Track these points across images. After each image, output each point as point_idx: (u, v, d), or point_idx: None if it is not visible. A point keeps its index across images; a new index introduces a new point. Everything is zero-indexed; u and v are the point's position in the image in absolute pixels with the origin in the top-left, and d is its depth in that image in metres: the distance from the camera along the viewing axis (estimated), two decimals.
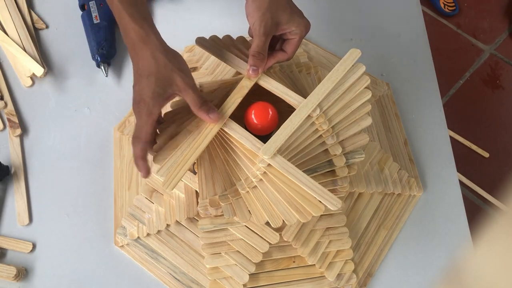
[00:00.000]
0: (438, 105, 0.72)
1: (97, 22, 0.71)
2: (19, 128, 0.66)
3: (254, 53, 0.50)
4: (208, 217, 0.55)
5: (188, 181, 0.57)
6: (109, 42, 0.71)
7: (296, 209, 0.47)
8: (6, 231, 0.61)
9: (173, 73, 0.47)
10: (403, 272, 0.61)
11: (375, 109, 0.69)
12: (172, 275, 0.58)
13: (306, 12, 0.53)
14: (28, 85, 0.69)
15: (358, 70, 0.56)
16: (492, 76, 1.47)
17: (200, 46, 0.54)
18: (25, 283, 0.58)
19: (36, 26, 0.74)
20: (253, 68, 0.51)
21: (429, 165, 0.67)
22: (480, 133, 1.37)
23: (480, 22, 1.56)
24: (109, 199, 0.63)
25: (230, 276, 0.55)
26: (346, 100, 0.52)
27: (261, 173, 0.49)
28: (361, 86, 0.53)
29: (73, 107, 0.69)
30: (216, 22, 0.76)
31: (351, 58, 0.56)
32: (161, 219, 0.58)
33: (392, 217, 0.63)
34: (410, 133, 0.70)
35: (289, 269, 0.57)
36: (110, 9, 0.50)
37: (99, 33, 0.71)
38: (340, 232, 0.57)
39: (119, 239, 0.59)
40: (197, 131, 0.51)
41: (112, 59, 0.72)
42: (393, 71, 0.74)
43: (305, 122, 0.51)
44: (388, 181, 0.62)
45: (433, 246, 0.62)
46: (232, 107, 0.52)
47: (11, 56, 0.71)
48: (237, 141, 0.50)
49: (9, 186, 0.63)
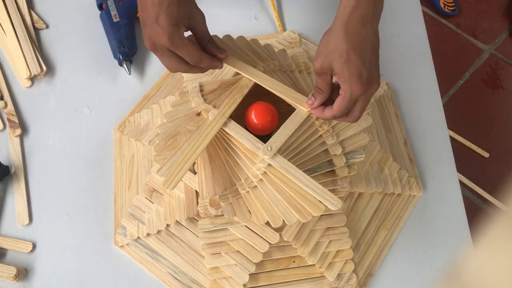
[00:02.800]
0: (438, 105, 0.72)
1: (117, 20, 0.71)
2: (19, 128, 0.66)
3: (315, 86, 0.49)
4: (208, 217, 0.55)
5: (188, 181, 0.57)
6: (130, 40, 0.71)
7: (296, 209, 0.47)
8: (6, 231, 0.61)
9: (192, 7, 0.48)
10: (403, 272, 0.61)
11: (375, 109, 0.69)
12: (172, 275, 0.58)
13: (306, 12, 0.53)
14: (27, 86, 0.69)
15: None
16: (492, 76, 1.47)
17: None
18: (25, 283, 0.58)
19: (36, 26, 0.74)
20: (311, 98, 0.49)
21: (429, 165, 0.67)
22: (480, 133, 1.37)
23: (480, 22, 1.56)
24: (109, 199, 0.63)
25: (230, 276, 0.55)
26: None
27: (261, 173, 0.49)
28: None
29: (73, 107, 0.69)
30: (216, 22, 0.76)
31: None
32: (161, 219, 0.58)
33: (392, 217, 0.63)
34: (410, 133, 0.70)
35: (289, 269, 0.57)
36: (129, 7, 0.50)
37: (119, 32, 0.71)
38: (340, 232, 0.57)
39: (119, 239, 0.59)
40: (197, 131, 0.51)
41: (133, 56, 0.72)
42: (393, 71, 0.74)
43: (305, 122, 0.51)
44: (388, 181, 0.62)
45: (433, 246, 0.62)
46: (232, 107, 0.52)
47: (11, 56, 0.71)
48: (237, 141, 0.50)
49: (9, 186, 0.63)
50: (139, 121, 0.65)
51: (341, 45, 0.44)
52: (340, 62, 0.44)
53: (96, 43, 0.73)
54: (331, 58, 0.45)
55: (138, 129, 0.65)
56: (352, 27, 0.44)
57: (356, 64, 0.44)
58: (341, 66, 0.44)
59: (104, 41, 0.73)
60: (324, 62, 0.45)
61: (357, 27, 0.44)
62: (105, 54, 0.72)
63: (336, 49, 0.44)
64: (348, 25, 0.44)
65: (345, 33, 0.44)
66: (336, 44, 0.44)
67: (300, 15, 0.77)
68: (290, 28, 0.76)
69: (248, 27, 0.76)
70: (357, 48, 0.44)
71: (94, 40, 0.74)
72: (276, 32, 0.75)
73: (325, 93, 0.48)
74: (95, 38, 0.74)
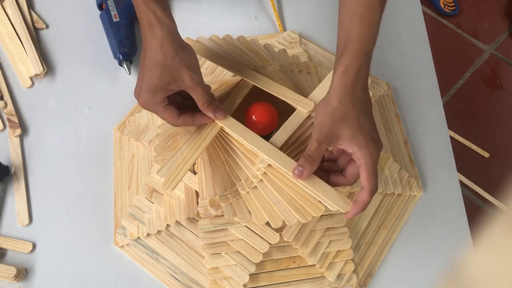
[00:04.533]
0: (438, 105, 0.72)
1: (117, 20, 0.71)
2: (19, 128, 0.66)
3: (305, 154, 0.45)
4: (208, 217, 0.55)
5: (188, 181, 0.57)
6: (130, 40, 0.71)
7: (296, 210, 0.47)
8: (6, 231, 0.61)
9: (181, 68, 0.44)
10: (403, 272, 0.61)
11: (375, 109, 0.69)
12: (172, 275, 0.58)
13: (306, 12, 0.53)
14: (28, 86, 0.69)
15: None
16: (492, 76, 1.47)
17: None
18: (25, 283, 0.58)
19: (36, 26, 0.74)
20: (299, 169, 0.45)
21: (429, 165, 0.67)
22: (480, 133, 1.37)
23: (480, 22, 1.56)
24: (109, 199, 0.63)
25: (230, 276, 0.55)
26: None
27: (261, 173, 0.49)
28: None
29: (73, 107, 0.69)
30: (216, 22, 0.76)
31: None
32: (161, 219, 0.58)
33: (392, 217, 0.63)
34: (410, 133, 0.70)
35: (289, 269, 0.57)
36: (129, 7, 0.48)
37: (119, 32, 0.71)
38: (340, 232, 0.57)
39: (119, 239, 0.59)
40: (197, 131, 0.51)
41: (133, 56, 0.72)
42: (393, 71, 0.74)
43: (305, 122, 0.51)
44: (388, 181, 0.62)
45: (433, 246, 0.62)
46: (232, 107, 0.53)
47: (11, 56, 0.71)
48: (237, 141, 0.50)
49: (9, 186, 0.63)
50: (139, 121, 0.65)
51: (349, 112, 0.44)
52: (353, 129, 0.43)
53: (96, 43, 0.73)
54: (340, 126, 0.44)
55: (138, 129, 0.65)
56: (357, 95, 0.45)
57: (368, 129, 0.44)
58: (354, 133, 0.43)
59: (104, 41, 0.73)
60: (331, 129, 0.44)
61: (361, 95, 0.45)
62: (105, 54, 0.72)
63: (345, 117, 0.44)
64: (353, 94, 0.44)
65: (352, 101, 0.44)
66: (344, 112, 0.44)
67: (300, 15, 0.77)
68: (290, 28, 0.76)
69: (248, 27, 0.76)
70: (365, 114, 0.45)
71: (94, 40, 0.74)
72: (276, 32, 0.75)
73: (316, 163, 0.45)
74: (95, 38, 0.74)
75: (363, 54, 0.45)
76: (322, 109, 0.45)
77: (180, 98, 0.50)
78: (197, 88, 0.45)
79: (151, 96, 0.45)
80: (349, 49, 0.45)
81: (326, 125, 0.44)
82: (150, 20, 0.44)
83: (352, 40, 0.46)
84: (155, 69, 0.44)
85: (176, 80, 0.44)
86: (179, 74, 0.44)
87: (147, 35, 0.45)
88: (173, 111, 0.47)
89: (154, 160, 0.49)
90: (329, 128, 0.44)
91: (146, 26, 0.45)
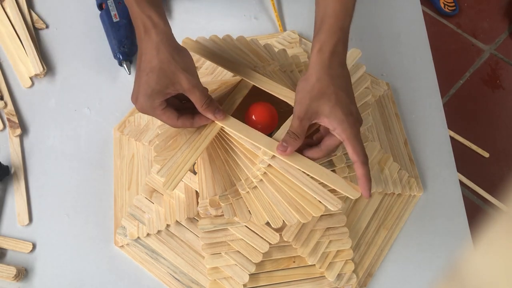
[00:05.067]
0: (438, 105, 0.72)
1: (117, 20, 0.71)
2: (19, 128, 0.66)
3: (289, 131, 0.46)
4: (208, 217, 0.55)
5: (188, 181, 0.57)
6: (130, 40, 0.71)
7: (296, 210, 0.47)
8: (6, 231, 0.61)
9: (177, 72, 0.44)
10: (403, 272, 0.61)
11: (375, 109, 0.69)
12: (172, 275, 0.58)
13: (306, 12, 0.53)
14: (28, 85, 0.69)
15: (358, 70, 0.56)
16: (492, 76, 1.47)
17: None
18: (25, 283, 0.58)
19: (36, 26, 0.74)
20: (283, 145, 0.46)
21: (429, 165, 0.67)
22: (480, 133, 1.37)
23: (480, 22, 1.56)
24: (109, 199, 0.63)
25: (230, 276, 0.55)
26: None
27: (261, 173, 0.49)
28: (361, 86, 0.53)
29: (73, 107, 0.69)
30: (216, 22, 0.76)
31: (351, 58, 0.56)
32: (161, 219, 0.58)
33: (392, 217, 0.63)
34: (410, 133, 0.70)
35: (289, 269, 0.57)
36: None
37: (119, 32, 0.71)
38: (340, 232, 0.57)
39: (119, 239, 0.59)
40: (197, 131, 0.51)
41: (133, 56, 0.72)
42: (393, 71, 0.74)
43: None
44: (388, 181, 0.62)
45: (433, 246, 0.62)
46: (232, 107, 0.53)
47: (11, 56, 0.71)
48: (237, 141, 0.50)
49: (9, 186, 0.63)
50: (139, 121, 0.65)
51: (328, 88, 0.45)
52: (330, 104, 0.45)
53: (96, 43, 0.73)
54: (319, 102, 0.45)
55: (138, 129, 0.65)
56: (334, 71, 0.45)
57: (347, 104, 0.45)
58: (332, 108, 0.44)
59: (104, 41, 0.73)
60: (310, 106, 0.45)
61: (338, 70, 0.46)
62: (105, 54, 0.72)
63: (323, 93, 0.45)
64: (330, 70, 0.45)
65: (329, 77, 0.45)
66: (322, 88, 0.45)
67: (300, 15, 0.77)
68: (290, 28, 0.76)
69: (248, 27, 0.76)
70: (344, 89, 0.45)
71: (94, 40, 0.74)
72: (276, 32, 0.75)
73: (300, 139, 0.46)
74: (95, 38, 0.74)
75: (339, 30, 0.46)
76: (301, 86, 0.46)
77: (177, 101, 0.50)
78: (195, 90, 0.45)
79: (149, 101, 0.45)
80: (325, 27, 0.46)
81: (305, 102, 0.45)
82: (146, 24, 0.45)
83: (327, 17, 0.47)
84: (151, 74, 0.44)
85: (173, 84, 0.45)
86: (176, 77, 0.44)
87: (143, 39, 0.45)
88: (172, 114, 0.47)
89: (154, 160, 0.49)
90: (308, 105, 0.45)
91: (141, 31, 0.45)
